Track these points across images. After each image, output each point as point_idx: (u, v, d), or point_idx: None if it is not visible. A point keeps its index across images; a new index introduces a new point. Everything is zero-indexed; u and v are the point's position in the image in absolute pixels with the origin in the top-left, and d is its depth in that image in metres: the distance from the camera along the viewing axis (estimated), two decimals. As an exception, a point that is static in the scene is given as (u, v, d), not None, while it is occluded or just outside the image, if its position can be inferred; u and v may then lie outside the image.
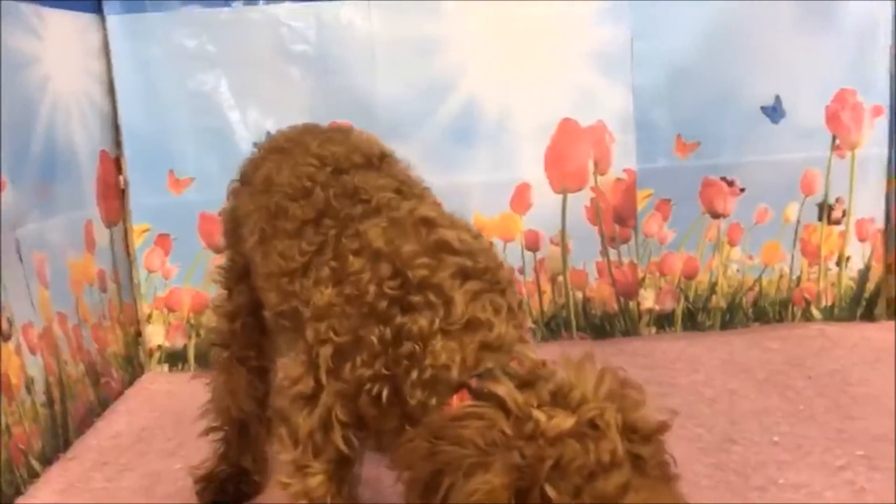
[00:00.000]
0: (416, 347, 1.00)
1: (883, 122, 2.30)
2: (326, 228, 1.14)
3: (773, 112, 2.29)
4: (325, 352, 1.06)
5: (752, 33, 2.25)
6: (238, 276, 1.43)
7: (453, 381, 0.98)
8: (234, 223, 1.41)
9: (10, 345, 1.64)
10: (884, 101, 2.29)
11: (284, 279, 1.17)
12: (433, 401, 0.99)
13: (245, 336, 1.44)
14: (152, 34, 2.21)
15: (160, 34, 2.22)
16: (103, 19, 2.19)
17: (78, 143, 2.09)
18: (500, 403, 0.89)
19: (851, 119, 2.30)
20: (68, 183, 2.03)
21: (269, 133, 1.95)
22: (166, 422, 1.92)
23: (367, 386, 1.03)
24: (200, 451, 1.58)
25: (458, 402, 0.96)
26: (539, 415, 0.86)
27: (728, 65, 2.26)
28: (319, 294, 1.08)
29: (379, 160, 1.27)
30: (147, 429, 1.89)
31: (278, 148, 1.35)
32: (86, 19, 2.16)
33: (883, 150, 2.32)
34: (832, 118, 2.30)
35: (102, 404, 2.05)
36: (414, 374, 1.00)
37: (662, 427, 0.91)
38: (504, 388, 0.90)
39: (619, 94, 2.25)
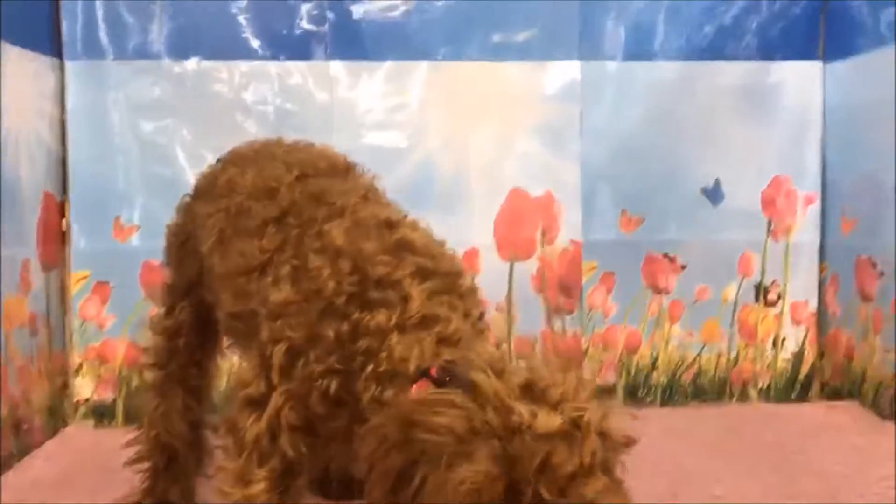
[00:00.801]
0: (373, 343, 0.99)
1: (815, 210, 2.42)
2: (289, 227, 1.14)
3: (713, 194, 2.39)
4: (279, 351, 1.04)
5: (695, 118, 2.37)
6: (181, 293, 1.40)
7: (411, 373, 0.96)
8: (180, 238, 1.39)
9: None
10: (816, 189, 2.41)
11: (242, 279, 1.15)
12: (388, 394, 0.97)
13: (186, 354, 1.40)
14: (110, 82, 2.22)
15: (118, 82, 2.23)
16: (62, 63, 2.20)
17: (23, 181, 2.05)
18: (474, 391, 0.86)
19: (785, 205, 2.41)
20: (9, 220, 1.98)
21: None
22: (90, 468, 1.81)
23: (318, 382, 1.01)
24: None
25: (418, 391, 0.94)
26: (521, 408, 0.84)
27: (671, 146, 2.37)
28: (277, 292, 1.07)
29: (345, 169, 1.28)
30: (69, 474, 1.79)
31: (241, 156, 1.35)
32: (44, 61, 2.16)
33: (815, 237, 2.42)
34: (768, 203, 2.41)
35: (22, 451, 1.93)
36: (369, 369, 0.98)
37: (630, 442, 0.90)
38: (482, 375, 0.87)
39: (568, 168, 2.33)
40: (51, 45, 2.18)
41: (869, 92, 2.22)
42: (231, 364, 1.48)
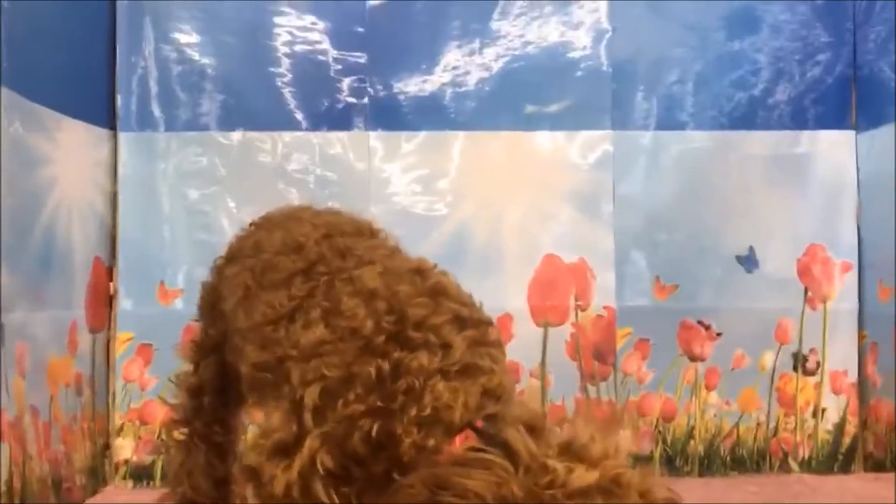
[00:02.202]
0: (417, 383, 0.96)
1: (853, 277, 2.40)
2: (318, 276, 1.13)
3: (747, 261, 2.40)
4: (313, 391, 1.00)
5: (727, 187, 2.40)
6: (206, 351, 1.41)
7: (455, 422, 0.95)
8: (212, 297, 1.40)
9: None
10: (852, 257, 2.40)
11: (269, 328, 1.13)
12: (430, 441, 0.95)
13: (210, 412, 1.41)
14: (160, 152, 2.33)
15: (167, 153, 2.33)
16: (116, 135, 2.31)
17: (74, 246, 2.14)
18: (510, 450, 0.86)
19: (822, 273, 2.40)
20: (60, 282, 2.07)
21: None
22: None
23: (361, 422, 0.96)
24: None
25: (462, 444, 0.94)
26: (557, 466, 0.84)
27: (704, 214, 2.39)
28: (309, 333, 1.04)
29: (369, 232, 1.29)
30: (107, 532, 1.82)
31: (270, 220, 1.38)
32: (99, 133, 2.27)
33: (854, 305, 2.40)
34: (804, 271, 2.40)
35: (62, 509, 1.97)
36: (412, 411, 0.95)
37: (671, 500, 0.89)
38: (515, 434, 0.87)
39: (601, 235, 2.36)
40: (106, 117, 2.30)
41: (902, 160, 2.23)
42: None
